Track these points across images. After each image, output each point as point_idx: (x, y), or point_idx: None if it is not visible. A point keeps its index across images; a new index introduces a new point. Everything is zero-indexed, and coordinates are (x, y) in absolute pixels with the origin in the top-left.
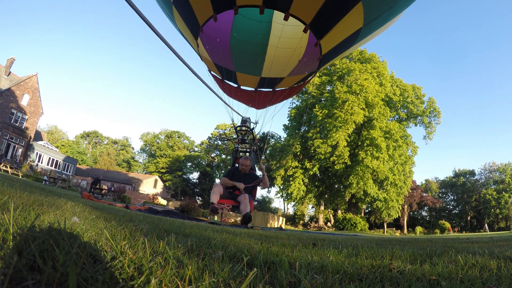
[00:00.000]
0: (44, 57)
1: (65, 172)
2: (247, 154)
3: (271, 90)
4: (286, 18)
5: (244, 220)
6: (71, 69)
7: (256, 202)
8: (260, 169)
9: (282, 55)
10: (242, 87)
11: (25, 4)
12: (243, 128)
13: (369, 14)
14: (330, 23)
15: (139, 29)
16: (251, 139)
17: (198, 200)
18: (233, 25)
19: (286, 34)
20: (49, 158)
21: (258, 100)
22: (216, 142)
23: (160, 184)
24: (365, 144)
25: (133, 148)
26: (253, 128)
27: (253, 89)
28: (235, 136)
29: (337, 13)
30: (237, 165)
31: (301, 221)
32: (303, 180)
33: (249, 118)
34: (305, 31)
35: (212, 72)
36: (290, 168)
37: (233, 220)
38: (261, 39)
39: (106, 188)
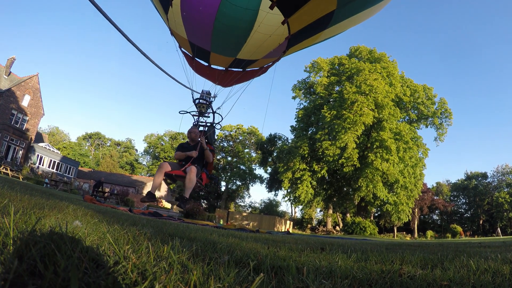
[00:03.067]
0: (45, 56)
1: (66, 174)
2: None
3: (241, 70)
4: None
5: (178, 199)
6: (73, 69)
7: (214, 178)
8: (201, 141)
9: (265, 41)
10: (212, 66)
11: (26, 3)
12: (202, 101)
13: None
14: (298, 1)
15: (142, 29)
16: (211, 112)
17: (203, 204)
18: (218, 10)
19: (273, 21)
20: (50, 160)
21: (227, 79)
22: (221, 144)
23: (164, 187)
24: (375, 146)
25: (136, 150)
26: (212, 101)
27: (224, 68)
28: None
29: None
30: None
31: (309, 225)
32: (311, 183)
33: (208, 91)
34: (271, 7)
35: (182, 49)
36: (298, 171)
37: (236, 224)
38: (246, 25)
39: (109, 191)
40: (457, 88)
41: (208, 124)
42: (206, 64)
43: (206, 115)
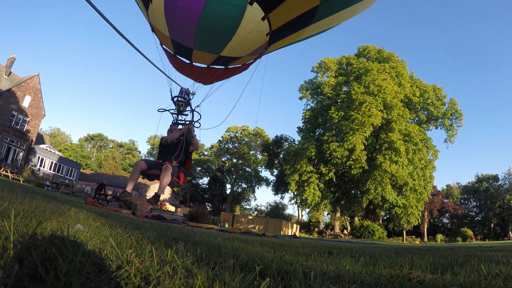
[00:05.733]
0: (46, 56)
1: (68, 177)
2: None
3: (223, 67)
4: None
5: (151, 199)
6: (74, 69)
7: (189, 177)
8: (189, 129)
9: (251, 37)
10: (194, 63)
11: (26, 1)
12: (180, 99)
13: None
14: None
15: (144, 28)
16: (190, 111)
17: (208, 207)
18: (204, 8)
19: (257, 18)
20: (52, 162)
21: (208, 76)
22: (227, 146)
23: (168, 189)
24: (383, 148)
25: (139, 152)
26: (190, 99)
27: (206, 66)
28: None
29: None
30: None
31: (316, 229)
32: (318, 186)
33: (187, 89)
34: (250, 3)
35: (163, 46)
36: (305, 173)
37: (242, 227)
38: (233, 21)
39: (111, 194)
40: (467, 88)
41: (187, 123)
42: (187, 61)
43: (185, 113)
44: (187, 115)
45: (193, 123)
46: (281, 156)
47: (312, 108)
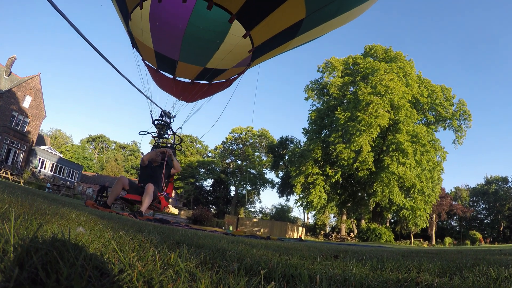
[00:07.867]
0: (47, 55)
1: (69, 179)
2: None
3: (207, 82)
4: (209, 8)
5: (134, 213)
6: (75, 69)
7: (170, 199)
8: (168, 154)
9: (240, 45)
10: (178, 78)
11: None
12: (161, 122)
13: (312, 4)
14: (261, 12)
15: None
16: (171, 134)
17: (211, 209)
18: (193, 12)
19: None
20: (53, 164)
21: (191, 93)
22: (231, 147)
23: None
24: (391, 149)
25: (142, 154)
26: (171, 122)
27: (189, 81)
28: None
29: (270, 2)
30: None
31: (322, 232)
32: (324, 188)
33: (168, 112)
34: (230, 21)
35: (146, 62)
36: (311, 175)
37: (247, 230)
38: (223, 27)
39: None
40: (476, 87)
41: (168, 146)
42: (171, 76)
43: (166, 136)
44: (168, 138)
45: (174, 146)
46: (287, 157)
47: (318, 108)
